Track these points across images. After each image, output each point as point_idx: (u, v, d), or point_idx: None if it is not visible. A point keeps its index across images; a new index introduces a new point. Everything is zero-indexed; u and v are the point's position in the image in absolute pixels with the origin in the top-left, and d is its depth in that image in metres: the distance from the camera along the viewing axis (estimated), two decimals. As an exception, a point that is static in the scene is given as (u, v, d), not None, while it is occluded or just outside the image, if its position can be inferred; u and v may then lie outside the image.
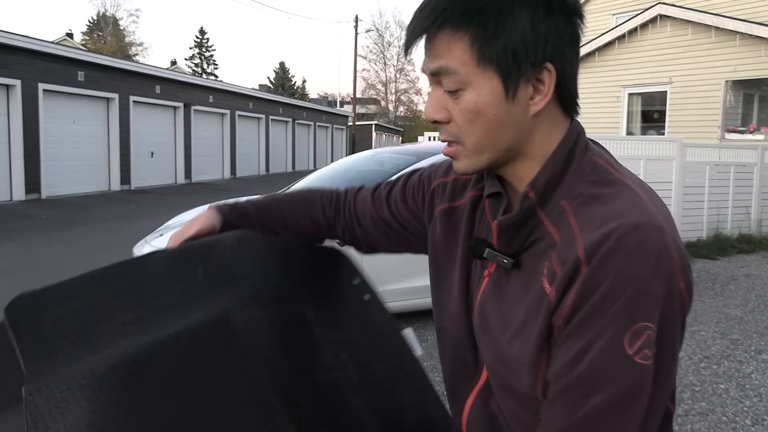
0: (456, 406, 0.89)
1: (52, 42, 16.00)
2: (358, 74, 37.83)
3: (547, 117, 0.76)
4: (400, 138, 44.67)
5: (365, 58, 48.31)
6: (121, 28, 45.34)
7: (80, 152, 14.84)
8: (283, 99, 28.25)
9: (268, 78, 57.74)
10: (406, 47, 0.77)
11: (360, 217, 1.08)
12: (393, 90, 51.82)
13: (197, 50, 53.83)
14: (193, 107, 19.45)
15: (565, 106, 0.77)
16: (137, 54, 44.54)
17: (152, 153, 17.55)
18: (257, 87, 40.00)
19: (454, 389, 0.89)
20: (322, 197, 1.12)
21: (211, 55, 54.90)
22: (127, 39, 45.32)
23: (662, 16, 11.86)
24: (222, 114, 21.55)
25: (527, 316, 0.72)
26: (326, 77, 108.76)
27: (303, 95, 53.88)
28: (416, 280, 4.28)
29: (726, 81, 11.30)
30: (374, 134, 39.07)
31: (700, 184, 8.52)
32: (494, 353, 0.79)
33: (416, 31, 0.75)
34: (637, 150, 8.01)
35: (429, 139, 18.48)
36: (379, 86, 51.12)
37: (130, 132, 16.38)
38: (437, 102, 0.76)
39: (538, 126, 0.75)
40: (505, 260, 0.77)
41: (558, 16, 0.72)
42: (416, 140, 26.90)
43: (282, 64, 60.64)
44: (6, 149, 12.64)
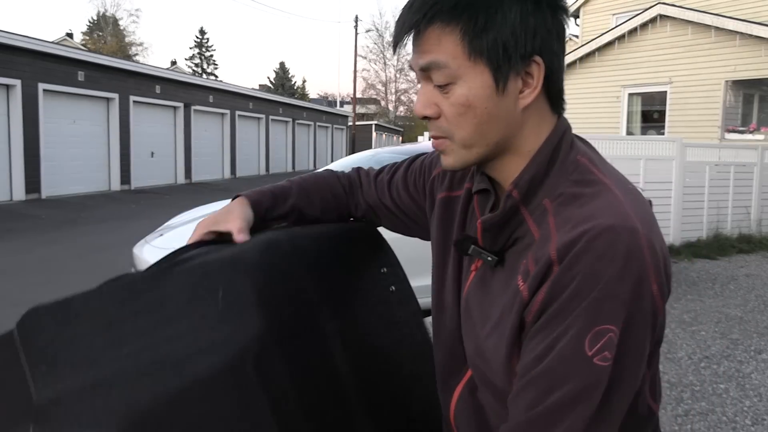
0: (445, 396, 0.90)
1: (52, 42, 15.97)
2: (358, 74, 37.87)
3: (536, 112, 0.76)
4: (400, 138, 44.60)
5: (365, 58, 48.21)
6: (121, 28, 45.26)
7: (80, 152, 14.83)
8: (283, 99, 28.22)
9: (268, 78, 57.83)
10: (395, 43, 0.77)
11: (366, 198, 1.11)
12: (393, 90, 51.70)
13: (197, 50, 53.82)
14: (193, 107, 19.44)
15: (553, 102, 0.78)
16: (137, 54, 44.55)
17: (152, 153, 17.55)
18: (257, 87, 39.97)
19: (444, 379, 0.90)
20: (338, 174, 1.15)
21: (211, 55, 54.97)
22: (127, 39, 45.26)
23: (662, 16, 11.86)
24: (222, 114, 21.55)
25: (503, 312, 0.73)
26: (326, 77, 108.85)
27: (303, 95, 53.83)
28: (417, 280, 4.26)
29: (726, 81, 11.30)
30: (374, 134, 39.04)
31: (700, 184, 8.52)
32: (474, 347, 0.80)
33: (406, 27, 0.75)
34: (637, 150, 8.01)
35: (429, 139, 18.47)
36: (379, 86, 51.01)
37: (130, 132, 16.38)
38: (427, 98, 0.76)
39: (527, 121, 0.76)
40: (490, 257, 0.78)
41: (545, 10, 0.73)
42: (416, 140, 26.86)
43: (282, 64, 60.71)
44: (6, 149, 12.64)
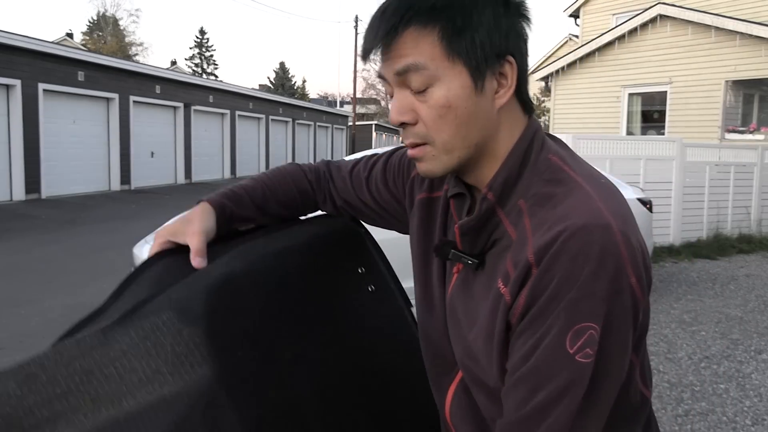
0: (439, 397, 0.90)
1: (52, 42, 15.97)
2: (358, 74, 37.82)
3: (510, 113, 0.77)
4: (401, 138, 44.54)
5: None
6: (121, 28, 45.28)
7: (80, 152, 14.83)
8: (283, 99, 28.20)
9: (268, 78, 57.79)
10: (368, 50, 0.75)
11: (340, 194, 1.08)
12: (393, 90, 51.67)
13: (197, 50, 53.83)
14: (193, 107, 19.44)
15: (524, 103, 0.79)
16: (137, 54, 44.56)
17: (152, 153, 17.55)
18: (257, 87, 39.95)
19: (436, 380, 0.90)
20: (303, 168, 1.11)
21: (211, 55, 54.91)
22: (127, 39, 45.27)
23: (662, 16, 11.86)
24: (222, 114, 21.55)
25: (489, 314, 0.74)
26: (326, 77, 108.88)
27: (303, 95, 53.81)
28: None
29: (726, 81, 11.30)
30: (374, 134, 39.05)
31: (700, 184, 8.53)
32: (462, 348, 0.81)
33: (380, 33, 0.73)
34: (637, 150, 8.01)
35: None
36: (379, 86, 51.08)
37: (130, 132, 16.38)
38: (402, 104, 0.76)
39: (502, 122, 0.77)
40: (470, 261, 0.78)
41: (514, 13, 0.75)
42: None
43: (282, 64, 60.68)
44: (6, 149, 12.64)
